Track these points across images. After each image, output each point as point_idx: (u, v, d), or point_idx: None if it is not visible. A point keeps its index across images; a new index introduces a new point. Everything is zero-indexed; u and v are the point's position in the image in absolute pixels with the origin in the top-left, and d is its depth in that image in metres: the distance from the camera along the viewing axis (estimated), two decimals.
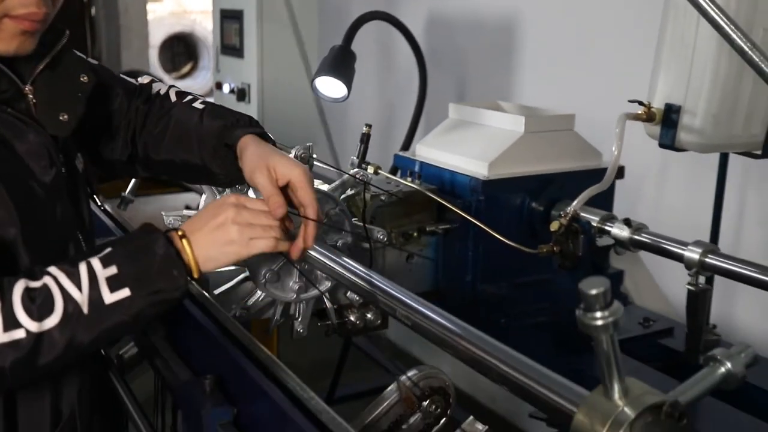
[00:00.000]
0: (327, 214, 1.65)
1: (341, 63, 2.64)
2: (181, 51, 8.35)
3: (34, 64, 1.22)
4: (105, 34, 6.72)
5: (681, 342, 1.77)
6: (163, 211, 1.65)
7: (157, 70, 7.83)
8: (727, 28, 1.21)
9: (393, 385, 1.27)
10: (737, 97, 1.65)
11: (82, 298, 1.04)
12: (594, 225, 1.74)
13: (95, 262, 1.07)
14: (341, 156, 4.14)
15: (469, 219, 1.75)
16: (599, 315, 0.83)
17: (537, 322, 1.93)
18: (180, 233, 1.14)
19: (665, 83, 1.71)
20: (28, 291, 1.03)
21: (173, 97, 1.46)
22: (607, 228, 1.74)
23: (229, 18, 4.17)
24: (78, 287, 1.04)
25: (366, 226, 1.69)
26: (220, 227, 1.15)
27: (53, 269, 1.06)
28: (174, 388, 1.31)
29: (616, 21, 2.74)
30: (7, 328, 1.00)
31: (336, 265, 1.46)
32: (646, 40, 1.83)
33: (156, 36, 7.82)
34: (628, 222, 1.71)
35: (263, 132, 1.38)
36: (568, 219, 1.70)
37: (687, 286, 1.58)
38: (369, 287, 1.35)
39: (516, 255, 1.72)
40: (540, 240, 1.76)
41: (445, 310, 1.19)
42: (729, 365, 0.99)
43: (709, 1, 1.24)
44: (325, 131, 4.33)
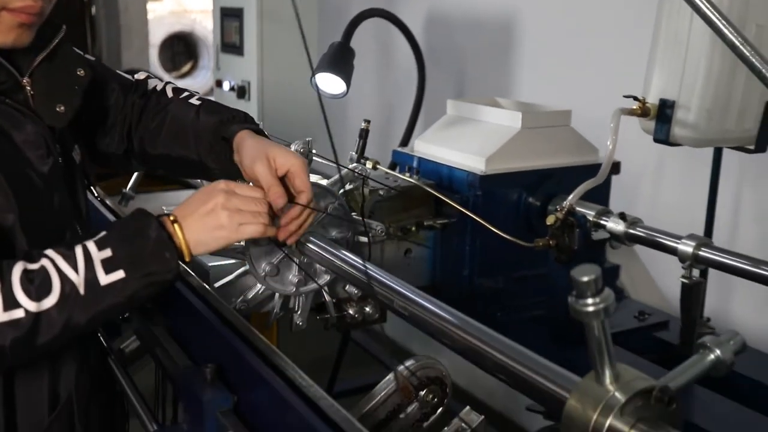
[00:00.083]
0: (326, 208, 1.67)
1: (340, 59, 2.65)
2: (181, 50, 8.36)
3: (32, 56, 1.25)
4: (105, 33, 6.73)
5: (676, 335, 1.79)
6: (164, 206, 1.67)
7: (157, 69, 7.83)
8: (719, 23, 1.22)
9: (390, 375, 1.29)
10: (730, 93, 1.67)
11: (78, 279, 1.07)
12: (590, 219, 1.77)
13: (90, 245, 1.10)
14: (341, 153, 4.13)
15: (467, 213, 1.77)
16: (590, 301, 0.85)
17: (533, 315, 1.94)
18: (172, 218, 1.17)
19: (660, 79, 1.73)
20: (26, 273, 1.06)
21: (170, 93, 1.49)
22: (603, 222, 1.76)
23: (230, 16, 4.19)
24: (74, 269, 1.07)
25: (365, 220, 1.71)
26: (210, 213, 1.18)
27: (50, 252, 1.09)
28: (174, 377, 1.33)
29: (613, 19, 2.75)
30: (7, 308, 1.03)
31: (334, 258, 1.48)
32: (643, 37, 1.84)
33: (156, 35, 7.82)
34: (623, 216, 1.73)
35: (258, 127, 1.41)
36: (563, 213, 1.72)
37: (681, 279, 1.60)
38: (366, 279, 1.38)
39: (513, 249, 1.74)
40: (537, 235, 1.78)
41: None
42: (718, 352, 1.01)
43: None
44: (325, 128, 4.34)
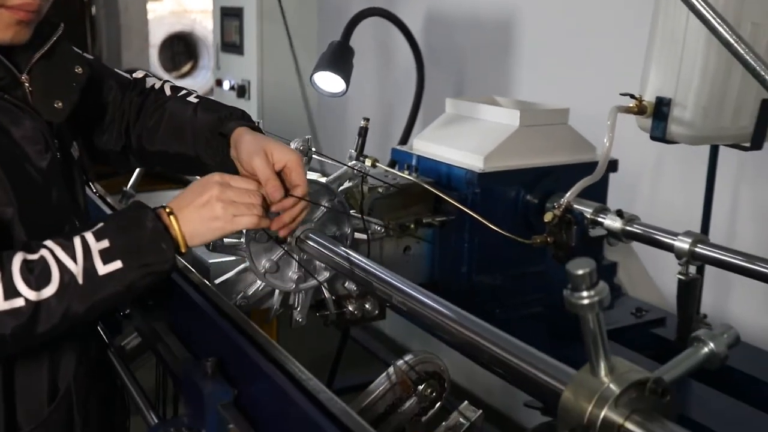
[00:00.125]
0: (321, 201, 1.68)
1: (339, 58, 2.66)
2: (181, 50, 8.35)
3: (30, 54, 1.27)
4: (105, 33, 6.75)
5: (672, 331, 1.80)
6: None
7: (157, 69, 7.83)
8: (714, 21, 1.23)
9: (389, 369, 1.30)
10: (726, 91, 1.69)
11: (77, 269, 1.09)
12: (587, 216, 1.78)
13: (89, 235, 1.12)
14: (340, 151, 4.15)
15: (465, 211, 1.78)
16: (585, 294, 0.86)
17: (531, 312, 1.96)
18: (168, 210, 1.19)
19: (656, 77, 1.75)
20: (26, 263, 1.08)
21: (168, 91, 1.52)
22: (600, 219, 1.77)
23: (230, 15, 4.21)
24: (73, 259, 1.10)
25: (364, 217, 1.73)
26: (205, 205, 1.20)
27: (49, 242, 1.11)
28: (175, 371, 1.35)
29: (612, 19, 2.76)
30: (8, 297, 1.05)
31: (333, 254, 1.50)
32: (642, 37, 1.85)
33: (156, 35, 7.82)
34: (620, 213, 1.75)
35: (255, 125, 1.44)
36: (561, 210, 1.73)
37: (677, 275, 1.61)
38: (365, 275, 1.39)
39: (511, 247, 1.75)
40: (535, 232, 1.79)
41: None
42: (712, 345, 1.02)
43: None
44: (325, 127, 4.36)
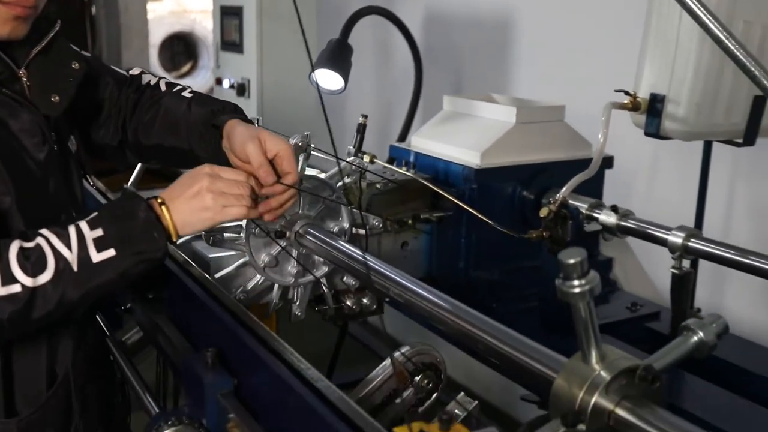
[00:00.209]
0: (324, 202, 1.71)
1: (338, 56, 2.69)
2: (181, 50, 8.35)
3: (28, 49, 1.30)
4: (105, 33, 6.77)
5: (667, 325, 1.83)
6: None
7: (157, 69, 7.83)
8: (706, 19, 1.25)
9: (386, 361, 1.32)
10: (718, 88, 1.70)
11: (71, 256, 1.13)
12: (582, 211, 1.80)
13: (83, 224, 1.16)
14: (339, 148, 4.16)
15: (462, 206, 1.80)
16: (577, 283, 0.89)
17: (528, 306, 1.98)
18: (159, 200, 1.23)
19: (650, 74, 1.76)
20: (22, 250, 1.11)
21: (163, 87, 1.56)
22: (595, 214, 1.79)
23: (229, 14, 4.22)
24: (68, 247, 1.13)
25: (362, 213, 1.75)
26: (196, 195, 1.23)
27: (45, 231, 1.15)
28: (176, 362, 1.37)
29: (610, 17, 2.78)
30: (5, 283, 1.09)
31: (331, 248, 1.52)
32: (639, 36, 1.87)
33: (156, 35, 7.82)
34: (615, 208, 1.77)
35: (247, 117, 1.48)
36: (557, 205, 1.76)
37: (671, 269, 1.63)
38: (363, 268, 1.41)
39: (507, 242, 1.78)
40: (531, 227, 1.82)
41: None
42: (701, 334, 1.04)
43: None
44: (324, 126, 4.37)
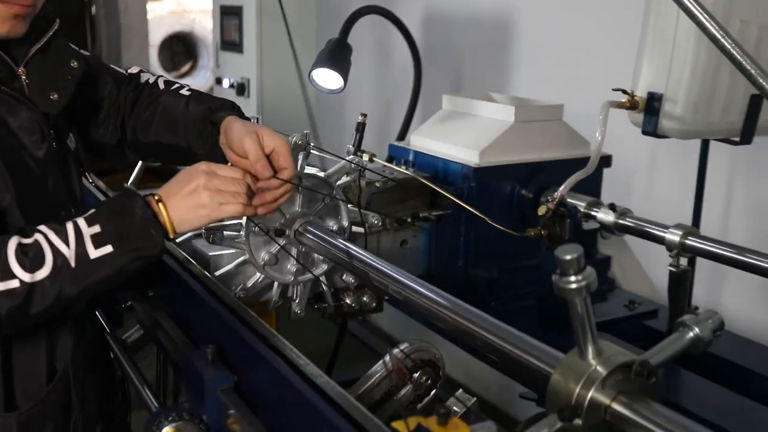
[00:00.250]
0: (323, 200, 1.71)
1: (338, 55, 2.69)
2: (181, 50, 8.36)
3: (27, 47, 1.31)
4: (105, 32, 6.77)
5: (664, 323, 1.84)
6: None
7: (157, 69, 7.84)
8: (703, 18, 1.26)
9: (385, 357, 1.33)
10: (715, 87, 1.71)
11: (69, 252, 1.14)
12: (580, 210, 1.81)
13: (81, 221, 1.17)
14: (338, 147, 4.17)
15: (461, 205, 1.81)
16: (573, 279, 0.90)
17: (526, 305, 1.99)
18: (156, 198, 1.24)
19: (648, 72, 1.77)
20: (21, 246, 1.12)
21: (161, 85, 1.57)
22: (593, 213, 1.80)
23: (229, 14, 4.24)
24: (66, 243, 1.14)
25: (361, 211, 1.76)
26: (192, 193, 1.25)
27: (43, 227, 1.16)
28: (176, 359, 1.38)
29: (610, 17, 2.78)
30: (3, 278, 1.10)
31: (330, 246, 1.53)
32: (638, 35, 1.87)
33: (156, 35, 7.83)
34: (612, 207, 1.78)
35: (244, 114, 1.49)
36: (555, 204, 1.77)
37: (668, 267, 1.64)
38: (362, 266, 1.42)
39: (506, 240, 1.78)
40: (529, 225, 1.83)
41: None
42: (697, 330, 1.05)
43: None
44: (324, 125, 4.38)
